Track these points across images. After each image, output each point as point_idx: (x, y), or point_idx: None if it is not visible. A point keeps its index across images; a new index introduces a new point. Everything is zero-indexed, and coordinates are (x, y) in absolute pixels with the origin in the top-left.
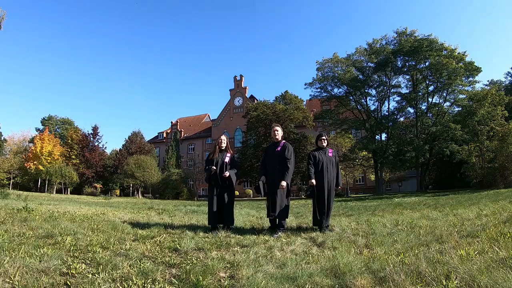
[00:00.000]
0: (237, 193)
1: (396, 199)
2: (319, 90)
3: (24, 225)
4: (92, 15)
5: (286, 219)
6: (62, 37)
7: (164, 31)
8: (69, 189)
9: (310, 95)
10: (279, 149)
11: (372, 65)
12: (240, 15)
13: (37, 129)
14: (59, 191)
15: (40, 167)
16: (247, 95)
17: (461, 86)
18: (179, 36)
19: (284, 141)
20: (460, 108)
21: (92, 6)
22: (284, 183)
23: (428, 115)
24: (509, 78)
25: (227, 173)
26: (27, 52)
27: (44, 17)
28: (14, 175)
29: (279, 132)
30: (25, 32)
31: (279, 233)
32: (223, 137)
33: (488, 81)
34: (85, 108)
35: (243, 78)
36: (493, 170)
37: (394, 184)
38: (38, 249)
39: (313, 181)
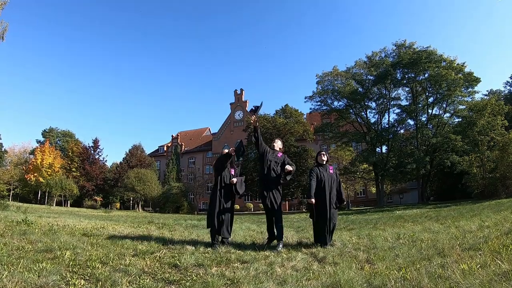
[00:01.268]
0: (237, 206)
1: (397, 212)
2: (319, 103)
3: (23, 239)
4: (94, 28)
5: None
6: (64, 48)
7: (165, 43)
8: (69, 202)
9: (310, 108)
10: (280, 155)
11: (371, 77)
12: (241, 30)
13: (38, 141)
14: (59, 204)
15: (40, 179)
16: (248, 108)
17: (460, 97)
18: (180, 49)
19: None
20: (460, 119)
21: (93, 20)
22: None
23: (428, 126)
24: (508, 88)
25: (234, 180)
26: (29, 64)
27: (46, 28)
28: (14, 186)
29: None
30: (27, 44)
31: (280, 246)
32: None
33: (487, 91)
34: (86, 121)
35: (243, 92)
36: (494, 180)
37: (395, 196)
38: (37, 264)
39: (313, 200)
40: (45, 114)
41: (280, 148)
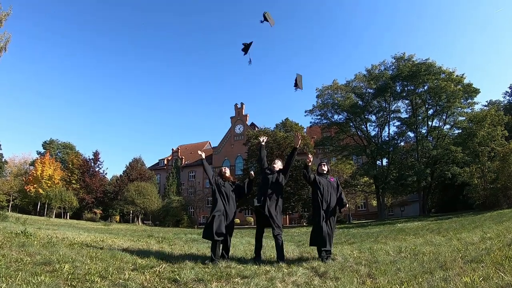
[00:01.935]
0: (238, 221)
1: (398, 225)
2: (319, 117)
3: (22, 251)
4: (96, 42)
5: None
6: (67, 61)
7: (166, 56)
8: (68, 214)
9: (310, 122)
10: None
11: (371, 91)
12: (241, 45)
13: (38, 152)
14: (58, 216)
15: (40, 190)
16: (248, 122)
17: (460, 108)
18: (181, 63)
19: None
20: (460, 130)
21: (96, 34)
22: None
23: (429, 138)
24: (508, 98)
25: (252, 172)
26: (31, 75)
27: (47, 40)
28: (13, 197)
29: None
30: (29, 55)
31: (280, 263)
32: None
33: (486, 101)
34: (86, 133)
35: (243, 105)
36: (496, 190)
37: (397, 209)
38: (35, 277)
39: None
40: (45, 125)
41: (280, 169)
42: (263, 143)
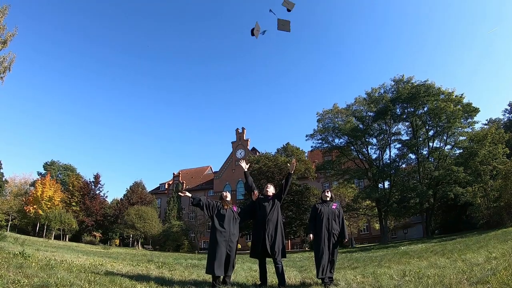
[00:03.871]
0: (239, 246)
1: (402, 248)
2: (320, 141)
3: (20, 272)
4: (98, 66)
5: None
6: (71, 88)
7: (167, 81)
8: (67, 236)
9: (311, 146)
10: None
11: (371, 114)
12: (244, 72)
13: (39, 173)
14: (57, 237)
15: (40, 211)
16: (249, 147)
17: (460, 128)
18: (182, 88)
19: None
20: (461, 150)
21: (99, 61)
22: None
23: (430, 159)
24: (507, 115)
25: (256, 192)
26: (35, 97)
27: (50, 61)
28: (12, 217)
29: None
30: (33, 79)
31: None
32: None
33: (486, 120)
34: (88, 156)
35: (245, 130)
36: (499, 209)
37: (400, 231)
38: None
39: (311, 236)
40: (47, 146)
41: (273, 193)
42: (246, 169)
